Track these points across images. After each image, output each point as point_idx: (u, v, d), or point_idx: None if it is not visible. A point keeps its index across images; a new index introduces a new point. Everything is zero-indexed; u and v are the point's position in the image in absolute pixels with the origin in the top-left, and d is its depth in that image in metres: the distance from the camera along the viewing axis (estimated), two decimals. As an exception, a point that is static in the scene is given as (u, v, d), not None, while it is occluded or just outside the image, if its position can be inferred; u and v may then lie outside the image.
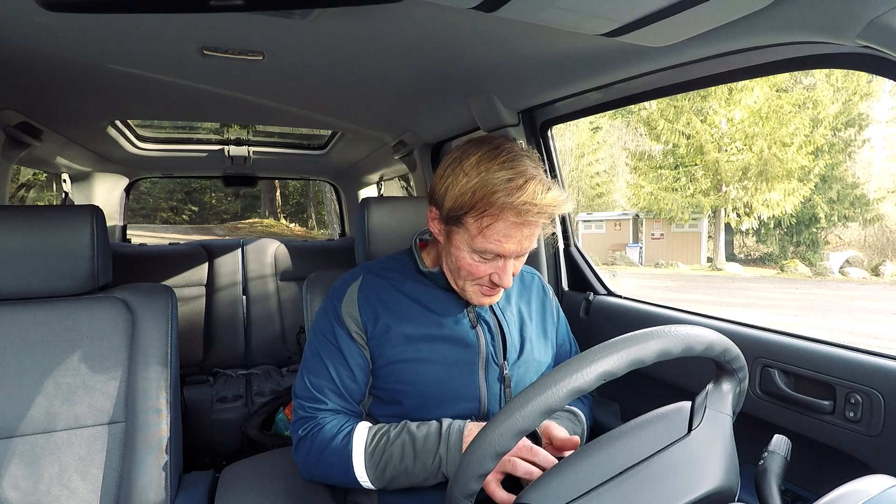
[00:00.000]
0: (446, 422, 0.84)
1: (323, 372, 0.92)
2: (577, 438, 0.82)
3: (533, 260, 1.54)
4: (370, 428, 0.86)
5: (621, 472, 0.53)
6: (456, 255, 0.87)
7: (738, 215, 14.77)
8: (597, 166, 22.56)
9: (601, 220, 18.62)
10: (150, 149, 2.28)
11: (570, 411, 0.99)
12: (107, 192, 2.62)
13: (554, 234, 1.53)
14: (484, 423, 0.78)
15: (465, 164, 0.83)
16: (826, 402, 0.89)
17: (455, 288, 0.93)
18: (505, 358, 0.94)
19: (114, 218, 2.67)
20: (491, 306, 0.97)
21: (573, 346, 1.12)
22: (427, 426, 0.83)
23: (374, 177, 2.93)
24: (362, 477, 0.83)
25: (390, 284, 0.96)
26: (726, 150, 14.44)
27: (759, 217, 14.56)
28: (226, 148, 2.38)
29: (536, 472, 0.76)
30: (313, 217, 18.61)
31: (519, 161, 0.81)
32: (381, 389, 0.92)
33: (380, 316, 0.92)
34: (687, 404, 0.60)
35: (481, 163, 0.81)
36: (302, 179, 9.51)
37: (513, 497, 0.74)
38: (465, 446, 0.78)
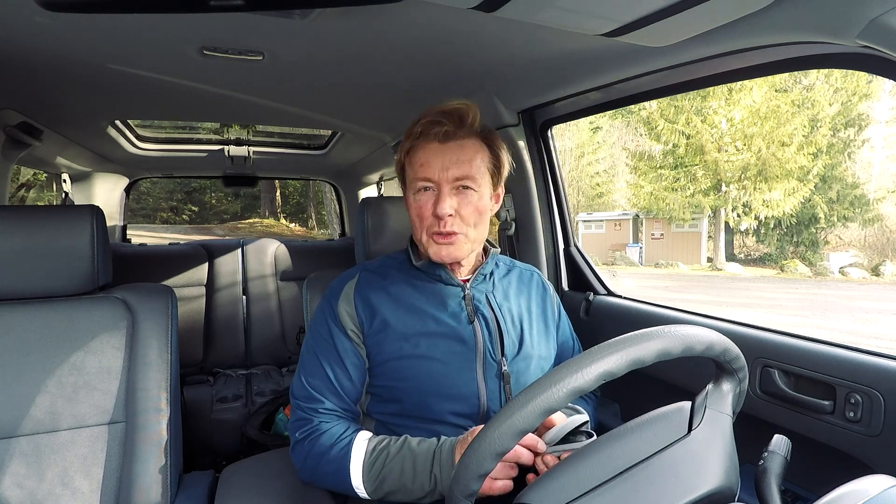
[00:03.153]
0: (442, 438, 0.83)
1: (319, 372, 0.92)
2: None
3: (533, 260, 1.54)
4: (370, 439, 0.86)
5: (621, 472, 0.53)
6: (408, 207, 0.94)
7: (738, 215, 14.77)
8: (597, 166, 22.56)
9: (601, 220, 18.61)
10: (150, 149, 2.28)
11: (574, 409, 0.99)
12: (107, 192, 2.62)
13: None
14: (475, 430, 0.79)
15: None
16: (826, 402, 0.89)
17: (424, 252, 0.95)
18: (503, 354, 0.93)
19: (114, 218, 2.67)
20: (489, 301, 0.97)
21: (576, 343, 1.12)
22: (427, 443, 0.83)
23: (374, 177, 2.93)
24: (359, 488, 0.83)
25: (387, 281, 0.96)
26: (726, 150, 14.45)
27: (759, 217, 14.56)
28: (226, 148, 2.38)
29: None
30: (313, 217, 18.61)
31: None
32: (379, 387, 0.92)
33: (376, 313, 0.92)
34: (687, 404, 0.60)
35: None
36: (302, 179, 9.51)
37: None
38: (456, 460, 0.78)
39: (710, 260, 16.02)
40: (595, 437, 0.79)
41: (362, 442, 0.85)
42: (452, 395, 0.89)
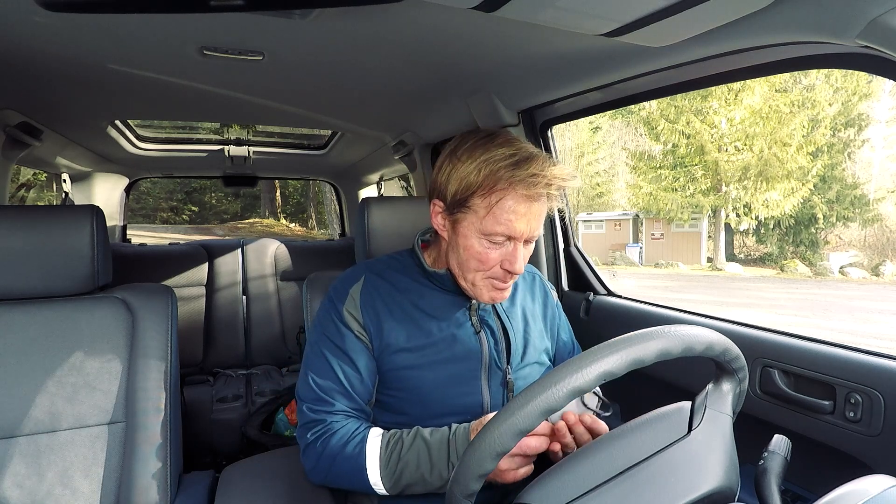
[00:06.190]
0: (454, 427, 0.82)
1: (329, 373, 0.89)
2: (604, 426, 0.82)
3: (533, 259, 1.53)
4: (383, 434, 0.84)
5: (621, 472, 0.53)
6: (464, 245, 0.85)
7: (738, 215, 14.78)
8: (597, 166, 22.56)
9: (601, 220, 18.61)
10: (150, 149, 2.28)
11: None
12: (107, 192, 2.62)
13: (562, 213, 1.52)
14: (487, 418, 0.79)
15: (461, 150, 0.84)
16: (826, 402, 0.89)
17: (463, 285, 0.90)
18: (508, 362, 0.92)
19: (114, 218, 2.67)
20: (495, 309, 0.96)
21: (576, 348, 1.11)
22: (439, 433, 0.82)
23: (374, 177, 2.93)
24: (377, 485, 0.81)
25: (393, 287, 0.94)
26: (726, 150, 14.45)
27: (758, 217, 14.56)
28: (226, 148, 2.38)
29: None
30: (313, 217, 18.61)
31: (516, 141, 0.84)
32: (384, 395, 0.92)
33: (382, 321, 0.90)
34: (687, 404, 0.60)
35: (478, 146, 0.83)
36: (302, 179, 9.51)
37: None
38: None
39: (710, 260, 16.02)
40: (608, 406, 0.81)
41: (375, 438, 0.84)
42: (456, 405, 0.88)
